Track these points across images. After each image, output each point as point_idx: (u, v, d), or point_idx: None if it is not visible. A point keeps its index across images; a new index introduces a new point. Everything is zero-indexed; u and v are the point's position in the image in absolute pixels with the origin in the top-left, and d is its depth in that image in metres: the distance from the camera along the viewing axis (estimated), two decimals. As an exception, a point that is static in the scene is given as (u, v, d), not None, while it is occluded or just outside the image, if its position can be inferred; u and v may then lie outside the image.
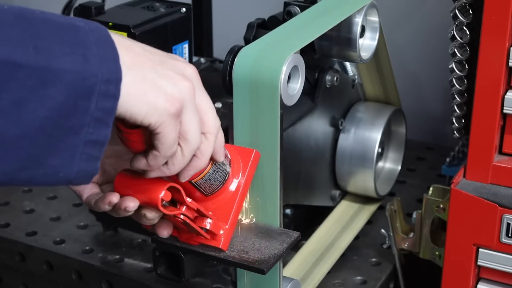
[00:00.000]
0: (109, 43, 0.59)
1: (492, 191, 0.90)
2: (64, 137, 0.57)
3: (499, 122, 0.88)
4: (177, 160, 0.67)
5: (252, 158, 0.79)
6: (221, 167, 0.74)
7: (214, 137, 0.69)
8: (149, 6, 1.05)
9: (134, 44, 0.64)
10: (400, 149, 1.17)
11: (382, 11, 0.98)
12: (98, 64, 0.57)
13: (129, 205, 0.69)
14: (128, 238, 1.13)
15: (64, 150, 0.58)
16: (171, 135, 0.63)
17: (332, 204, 1.12)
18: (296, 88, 0.83)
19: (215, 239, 0.76)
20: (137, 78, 0.61)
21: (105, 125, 0.59)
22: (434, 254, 0.98)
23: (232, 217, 0.77)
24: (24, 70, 0.54)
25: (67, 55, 0.56)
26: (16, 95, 0.54)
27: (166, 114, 0.62)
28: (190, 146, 0.66)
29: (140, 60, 0.62)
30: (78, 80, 0.56)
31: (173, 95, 0.62)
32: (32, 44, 0.55)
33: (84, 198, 0.73)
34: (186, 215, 0.73)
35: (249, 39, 0.95)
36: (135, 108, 0.60)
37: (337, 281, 1.04)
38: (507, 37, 0.84)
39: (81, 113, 0.57)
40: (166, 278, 0.82)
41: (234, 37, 1.06)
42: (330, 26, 0.88)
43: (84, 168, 0.59)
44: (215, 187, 0.75)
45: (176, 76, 0.64)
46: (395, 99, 1.14)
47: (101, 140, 0.59)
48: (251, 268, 0.77)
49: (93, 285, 1.08)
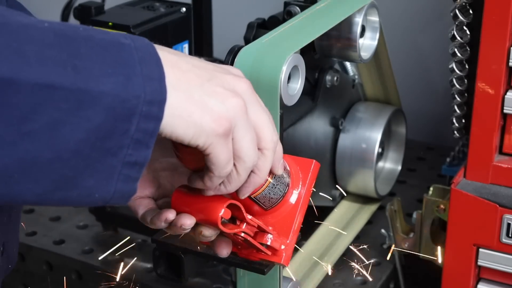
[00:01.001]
0: (154, 61, 0.57)
1: (492, 191, 0.90)
2: (101, 158, 0.55)
3: (499, 122, 0.88)
4: (233, 179, 0.64)
5: (312, 169, 0.75)
6: (281, 180, 0.71)
7: (271, 153, 0.65)
8: (149, 6, 1.05)
9: (181, 60, 0.60)
10: (400, 149, 1.17)
11: (383, 11, 0.98)
12: (142, 84, 0.55)
13: (186, 223, 0.66)
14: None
15: (101, 171, 0.56)
16: (222, 156, 0.61)
17: (332, 204, 1.12)
18: (296, 88, 0.82)
19: (276, 254, 0.73)
20: (183, 99, 0.58)
21: (146, 146, 0.56)
22: (434, 254, 0.98)
23: (293, 231, 0.73)
24: (61, 92, 0.52)
25: (108, 76, 0.54)
26: (50, 118, 0.52)
27: (214, 135, 0.59)
28: (245, 165, 0.63)
29: (186, 78, 0.59)
30: (118, 102, 0.54)
31: (220, 114, 0.59)
32: (71, 64, 0.53)
33: (139, 215, 0.70)
34: (247, 233, 0.70)
35: (249, 39, 0.95)
36: (180, 130, 0.58)
37: (337, 281, 1.04)
38: (507, 37, 0.84)
39: (120, 135, 0.55)
40: (166, 278, 0.82)
41: (234, 37, 1.06)
42: (330, 26, 0.88)
43: (121, 189, 0.57)
44: (274, 201, 0.72)
45: (225, 92, 0.60)
46: (395, 99, 1.14)
47: (140, 162, 0.57)
48: (251, 268, 0.77)
49: (93, 285, 1.08)
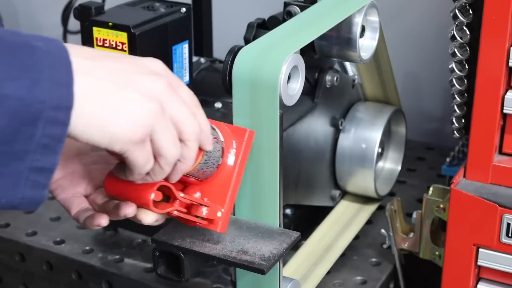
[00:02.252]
0: (65, 66, 0.57)
1: (492, 191, 0.90)
2: (6, 162, 0.55)
3: (499, 122, 0.88)
4: (157, 172, 0.66)
5: (246, 138, 0.78)
6: (213, 154, 0.74)
7: (194, 143, 0.68)
8: (149, 6, 1.05)
9: (97, 65, 0.60)
10: (400, 149, 1.17)
11: (382, 11, 0.98)
12: (48, 89, 0.55)
13: (128, 212, 0.69)
14: (128, 238, 1.13)
15: (7, 176, 0.55)
16: (139, 159, 0.63)
17: (332, 204, 1.12)
18: (296, 88, 0.83)
19: (213, 223, 0.76)
20: (97, 108, 0.58)
21: (53, 151, 0.57)
22: (434, 254, 0.98)
23: (229, 199, 0.77)
24: None
25: (13, 80, 0.54)
26: None
27: (129, 143, 0.61)
28: (166, 160, 0.65)
29: (101, 87, 0.59)
30: (21, 106, 0.54)
31: (135, 122, 0.60)
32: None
33: (72, 214, 0.71)
34: (180, 210, 0.73)
35: (249, 39, 0.95)
36: (96, 137, 0.59)
37: (337, 281, 1.04)
38: (507, 37, 0.84)
39: (25, 139, 0.55)
40: (166, 278, 0.82)
41: (234, 37, 1.06)
42: (330, 26, 0.88)
43: (29, 195, 0.57)
44: (208, 173, 0.75)
45: (140, 98, 0.61)
46: (395, 99, 1.14)
47: (48, 167, 0.57)
48: (251, 268, 0.77)
49: (93, 285, 1.08)
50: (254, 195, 0.82)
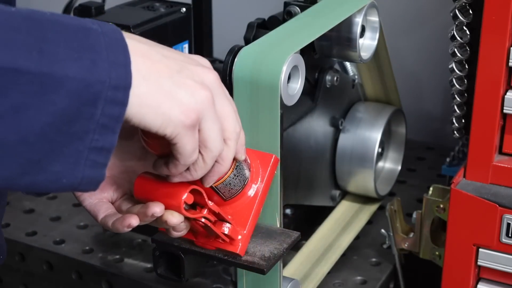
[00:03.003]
0: (121, 47, 0.57)
1: (492, 191, 0.90)
2: (67, 143, 0.56)
3: (499, 122, 0.88)
4: (199, 167, 0.66)
5: (272, 163, 0.77)
6: (241, 172, 0.73)
7: (234, 143, 0.67)
8: (149, 6, 1.05)
9: (152, 49, 0.61)
10: (400, 149, 1.17)
11: (382, 11, 0.98)
12: (107, 70, 0.56)
13: (156, 211, 0.67)
14: (128, 238, 1.13)
15: (67, 156, 0.56)
16: (188, 146, 0.62)
17: (332, 204, 1.12)
18: (296, 88, 0.83)
19: (232, 244, 0.75)
20: (152, 89, 0.59)
21: (112, 131, 0.57)
22: (434, 254, 0.98)
23: (250, 222, 0.75)
24: (25, 76, 0.53)
25: (73, 61, 0.54)
26: (15, 101, 0.53)
27: (181, 126, 0.60)
28: (211, 154, 0.65)
29: (156, 68, 0.60)
30: (82, 87, 0.55)
31: (189, 106, 0.61)
32: (37, 48, 0.53)
33: (99, 219, 0.71)
34: (208, 218, 0.71)
35: (249, 39, 0.95)
36: (149, 119, 0.59)
37: (337, 281, 1.04)
38: (507, 37, 0.84)
39: (85, 119, 0.56)
40: (166, 278, 0.82)
41: (234, 37, 1.06)
42: (330, 26, 0.88)
43: (89, 174, 0.58)
44: (234, 192, 0.74)
45: (194, 85, 0.62)
46: (395, 99, 1.14)
47: (107, 147, 0.58)
48: (251, 268, 0.77)
49: (93, 285, 1.08)
50: (254, 195, 0.82)
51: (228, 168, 0.69)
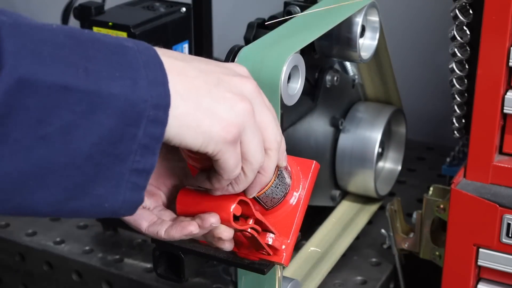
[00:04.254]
0: (158, 65, 0.56)
1: (492, 191, 0.90)
2: (110, 165, 0.54)
3: (499, 122, 0.88)
4: (241, 180, 0.64)
5: (312, 170, 0.75)
6: (283, 181, 0.71)
7: (276, 153, 0.65)
8: (149, 6, 1.05)
9: (188, 65, 0.60)
10: (400, 149, 1.17)
11: (383, 11, 0.98)
12: (147, 88, 0.54)
13: (214, 221, 0.66)
14: (128, 238, 1.13)
15: (110, 179, 0.55)
16: (230, 161, 0.61)
17: (332, 204, 1.12)
18: (296, 88, 0.82)
19: (277, 254, 0.73)
20: (191, 108, 0.57)
21: (152, 152, 0.56)
22: (434, 254, 0.98)
23: (293, 231, 0.73)
24: (74, 94, 0.51)
25: (116, 80, 0.53)
26: (64, 121, 0.51)
27: (223, 143, 0.59)
28: (252, 166, 0.63)
29: (194, 86, 0.59)
30: (127, 105, 0.53)
31: (229, 121, 0.59)
32: (82, 65, 0.52)
33: (144, 228, 0.68)
34: (255, 229, 0.70)
35: (249, 39, 0.95)
36: (189, 139, 0.58)
37: (337, 281, 1.04)
38: (507, 37, 0.84)
39: (129, 140, 0.54)
40: (166, 278, 0.82)
41: (234, 37, 1.06)
42: (330, 26, 0.88)
43: (130, 198, 0.57)
44: (276, 201, 0.72)
45: (233, 97, 0.60)
46: (396, 99, 1.14)
47: (147, 169, 0.56)
48: (251, 268, 0.77)
49: (93, 285, 1.08)
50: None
51: (271, 178, 0.68)
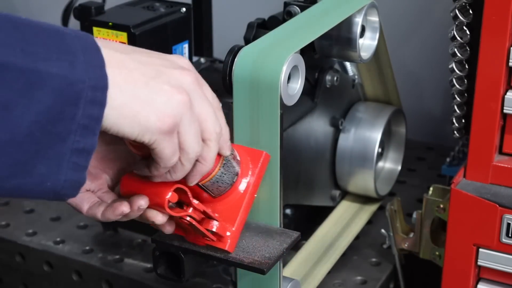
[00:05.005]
0: (95, 50, 0.59)
1: (492, 191, 0.90)
2: (51, 143, 0.57)
3: (499, 122, 0.88)
4: (178, 169, 0.67)
5: (262, 160, 0.78)
6: (229, 169, 0.74)
7: (215, 143, 0.68)
8: (149, 6, 1.05)
9: (128, 57, 0.63)
10: (400, 149, 1.17)
11: (382, 11, 0.98)
12: (85, 71, 0.57)
13: (141, 203, 0.68)
14: (128, 238, 1.13)
15: (51, 158, 0.57)
16: (166, 150, 0.64)
17: (332, 204, 1.12)
18: (296, 88, 0.82)
19: (221, 241, 0.76)
20: (129, 100, 0.60)
21: (92, 133, 0.58)
22: (434, 254, 0.98)
23: (239, 218, 0.76)
24: (12, 72, 0.54)
25: (54, 60, 0.56)
26: (3, 98, 0.54)
27: (158, 133, 0.62)
28: (188, 156, 0.66)
29: (132, 78, 0.61)
30: (65, 85, 0.56)
31: (165, 112, 0.62)
32: (19, 46, 0.54)
33: (85, 209, 0.71)
34: (192, 217, 0.72)
35: (249, 39, 0.95)
36: (126, 128, 0.60)
37: (337, 281, 1.04)
38: (507, 37, 0.84)
39: (68, 119, 0.57)
40: (166, 278, 0.82)
41: (234, 37, 1.06)
42: (330, 26, 0.88)
43: (71, 177, 0.59)
44: (222, 189, 0.75)
45: (170, 90, 0.63)
46: (395, 99, 1.14)
47: (88, 149, 0.59)
48: (251, 268, 0.77)
49: (93, 285, 1.08)
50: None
51: (211, 167, 0.70)
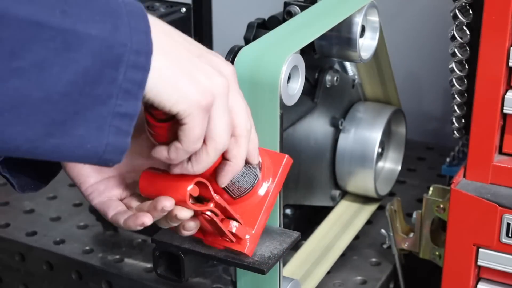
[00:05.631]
0: (142, 16, 0.58)
1: (492, 191, 0.90)
2: (91, 105, 0.56)
3: (499, 122, 0.88)
4: (201, 158, 0.64)
5: (284, 164, 0.76)
6: (251, 170, 0.72)
7: (245, 140, 0.66)
8: (149, 6, 1.05)
9: (174, 32, 0.62)
10: (400, 149, 1.17)
11: (382, 10, 0.98)
12: (128, 34, 0.56)
13: (166, 205, 0.66)
14: (128, 238, 1.13)
15: (91, 120, 0.56)
16: (196, 129, 0.61)
17: (332, 204, 1.12)
18: (296, 88, 0.83)
19: (240, 243, 0.74)
20: (172, 64, 0.59)
21: (135, 97, 0.57)
22: (434, 254, 0.98)
23: (259, 222, 0.74)
24: (48, 31, 0.53)
25: (95, 22, 0.55)
26: (38, 56, 0.53)
27: (196, 105, 0.60)
28: (216, 145, 0.63)
29: (178, 48, 0.61)
30: (104, 47, 0.55)
31: (206, 87, 0.61)
32: (59, 8, 0.54)
33: (110, 216, 0.70)
34: (214, 212, 0.70)
35: (249, 39, 0.95)
36: (165, 93, 0.59)
37: (337, 281, 1.04)
38: (507, 37, 0.84)
39: (108, 82, 0.56)
40: (166, 278, 0.82)
41: (234, 37, 1.06)
42: (330, 26, 0.88)
43: (113, 141, 0.57)
44: (243, 190, 0.73)
45: (212, 70, 0.62)
46: (395, 99, 1.14)
47: (130, 113, 0.57)
48: (251, 268, 0.77)
49: (93, 285, 1.08)
50: (254, 195, 0.82)
51: (242, 166, 0.68)
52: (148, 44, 0.57)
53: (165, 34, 0.60)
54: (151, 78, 0.58)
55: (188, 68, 0.60)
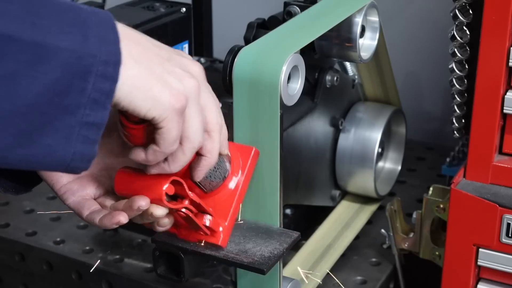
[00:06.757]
0: (110, 26, 0.59)
1: (492, 191, 0.90)
2: (59, 116, 0.57)
3: (499, 122, 0.88)
4: (178, 157, 0.66)
5: (252, 156, 0.79)
6: (221, 165, 0.74)
7: (218, 134, 0.69)
8: (149, 6, 1.05)
9: (143, 38, 0.64)
10: (400, 149, 1.17)
11: (382, 10, 0.98)
12: (97, 45, 0.57)
13: (142, 204, 0.68)
14: (128, 238, 1.13)
15: (59, 130, 0.57)
16: (173, 131, 0.63)
17: (332, 204, 1.12)
18: (296, 88, 0.83)
19: (214, 236, 0.76)
20: (144, 72, 0.60)
21: (103, 107, 0.58)
22: (434, 254, 0.98)
23: (231, 214, 0.77)
24: (18, 44, 0.54)
25: (65, 34, 0.56)
26: (8, 69, 0.54)
27: (171, 109, 0.62)
28: (191, 144, 0.65)
29: (148, 54, 0.62)
30: (74, 58, 0.56)
31: (179, 90, 0.62)
32: (29, 20, 0.55)
33: (84, 215, 0.71)
34: (189, 209, 0.72)
35: (249, 39, 0.95)
36: (139, 101, 0.60)
37: (337, 281, 1.04)
38: (507, 37, 0.84)
39: (77, 92, 0.57)
40: (166, 278, 0.82)
41: (234, 37, 1.06)
42: (330, 26, 0.88)
43: (80, 150, 0.59)
44: (214, 184, 0.75)
45: (182, 73, 0.64)
46: (395, 99, 1.14)
47: (98, 122, 0.58)
48: (251, 268, 0.77)
49: (93, 285, 1.08)
50: (254, 195, 0.82)
51: (216, 160, 0.70)
52: (117, 54, 0.58)
53: (134, 42, 0.61)
54: (124, 87, 0.59)
55: (160, 73, 0.62)
